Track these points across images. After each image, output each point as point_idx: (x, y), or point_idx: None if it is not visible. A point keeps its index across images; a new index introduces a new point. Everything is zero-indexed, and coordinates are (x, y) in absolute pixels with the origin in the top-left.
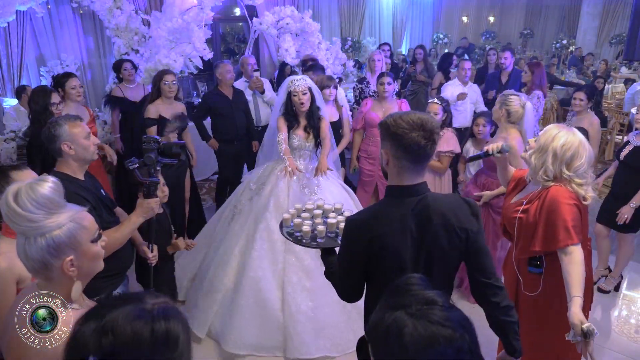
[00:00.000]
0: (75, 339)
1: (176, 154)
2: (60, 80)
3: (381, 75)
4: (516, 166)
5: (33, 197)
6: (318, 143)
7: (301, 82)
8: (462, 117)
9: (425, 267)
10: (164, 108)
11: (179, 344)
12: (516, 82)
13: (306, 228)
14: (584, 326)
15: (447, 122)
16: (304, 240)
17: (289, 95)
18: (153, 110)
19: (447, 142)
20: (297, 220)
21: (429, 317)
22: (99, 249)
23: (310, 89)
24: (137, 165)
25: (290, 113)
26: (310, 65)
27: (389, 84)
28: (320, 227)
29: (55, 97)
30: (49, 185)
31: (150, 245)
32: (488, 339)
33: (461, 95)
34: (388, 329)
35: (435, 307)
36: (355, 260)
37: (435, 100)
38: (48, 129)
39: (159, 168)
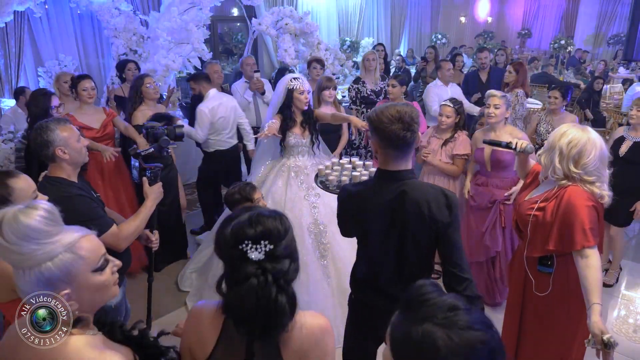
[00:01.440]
0: (237, 228)
1: (180, 136)
2: (74, 82)
3: (391, 77)
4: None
5: (16, 229)
6: (314, 138)
7: (305, 81)
8: None
9: (397, 247)
10: (150, 112)
11: (291, 230)
12: (497, 81)
13: (331, 177)
14: (605, 337)
15: (460, 124)
16: (330, 187)
17: (290, 92)
18: (141, 117)
19: (463, 145)
20: (327, 171)
21: (457, 324)
22: (104, 278)
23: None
24: (152, 150)
25: (288, 111)
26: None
27: (393, 86)
28: (345, 178)
29: (55, 100)
30: (38, 213)
31: (153, 231)
32: None
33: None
34: (420, 345)
35: (459, 312)
36: (343, 219)
37: (448, 102)
38: (39, 134)
39: (170, 151)
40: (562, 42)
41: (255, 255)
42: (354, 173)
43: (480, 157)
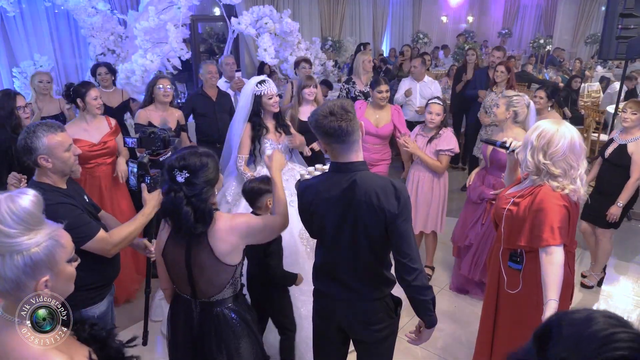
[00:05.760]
0: (171, 161)
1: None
2: (79, 91)
3: (378, 83)
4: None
5: (14, 211)
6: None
7: (272, 84)
8: (411, 112)
9: (350, 237)
10: (156, 115)
11: (210, 166)
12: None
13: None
14: None
15: (445, 122)
16: None
17: (258, 98)
18: (143, 116)
19: (447, 142)
20: (307, 176)
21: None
22: (73, 269)
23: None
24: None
25: (257, 118)
26: None
27: (387, 91)
28: None
29: (20, 101)
30: (30, 198)
31: (152, 240)
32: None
33: (408, 91)
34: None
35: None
36: (302, 212)
37: (436, 100)
38: (24, 139)
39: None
40: (541, 41)
41: (179, 178)
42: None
43: (484, 152)
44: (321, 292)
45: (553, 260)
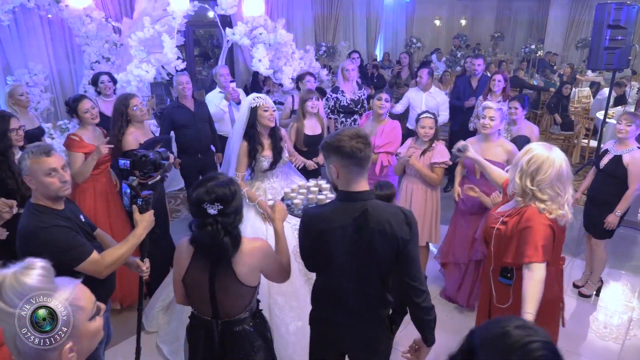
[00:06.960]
0: (199, 195)
1: (167, 158)
2: (71, 105)
3: (379, 92)
4: (488, 175)
5: (19, 291)
6: (278, 154)
7: (268, 99)
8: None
9: (360, 264)
10: (141, 134)
11: (239, 193)
12: (484, 88)
13: (297, 201)
14: None
15: (437, 135)
16: (295, 211)
17: (254, 111)
18: (132, 140)
19: (441, 154)
20: (292, 194)
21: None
22: (98, 324)
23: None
24: (159, 178)
25: (253, 130)
26: None
27: (386, 100)
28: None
29: (14, 123)
30: (37, 273)
31: (144, 259)
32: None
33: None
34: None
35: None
36: (305, 246)
37: (427, 114)
38: (19, 159)
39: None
40: (533, 46)
41: (211, 211)
42: (319, 196)
43: (470, 164)
44: (323, 318)
45: (534, 277)
